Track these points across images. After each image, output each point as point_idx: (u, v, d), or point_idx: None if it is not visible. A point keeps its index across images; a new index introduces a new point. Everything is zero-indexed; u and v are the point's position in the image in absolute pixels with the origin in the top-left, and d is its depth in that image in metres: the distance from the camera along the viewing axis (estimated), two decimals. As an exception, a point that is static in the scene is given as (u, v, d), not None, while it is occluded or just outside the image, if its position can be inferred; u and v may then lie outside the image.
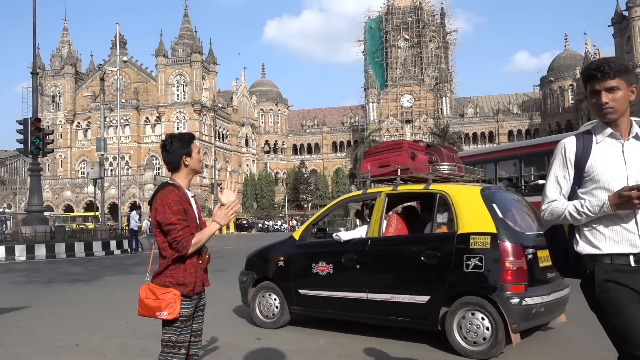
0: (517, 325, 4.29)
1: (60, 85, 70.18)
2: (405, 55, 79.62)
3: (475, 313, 4.40)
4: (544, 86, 77.07)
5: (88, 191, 57.93)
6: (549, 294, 4.54)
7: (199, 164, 2.78)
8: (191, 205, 2.70)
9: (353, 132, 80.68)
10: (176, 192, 2.64)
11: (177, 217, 2.58)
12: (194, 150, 2.74)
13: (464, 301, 4.48)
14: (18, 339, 5.69)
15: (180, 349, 2.67)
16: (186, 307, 2.65)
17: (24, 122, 19.49)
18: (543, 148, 13.38)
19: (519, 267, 4.35)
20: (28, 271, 14.49)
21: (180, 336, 2.66)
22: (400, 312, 4.88)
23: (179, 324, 2.63)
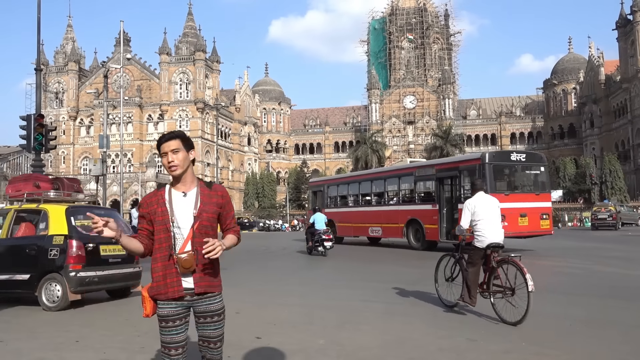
0: (74, 288, 7.05)
1: (63, 82, 70.30)
2: (408, 56, 79.58)
3: (53, 283, 7.14)
4: (547, 89, 76.96)
5: (90, 188, 57.99)
6: (104, 271, 7.48)
7: (165, 167, 2.70)
8: (165, 207, 2.66)
9: (355, 132, 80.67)
10: (150, 194, 2.76)
11: (140, 225, 2.74)
12: (160, 154, 2.72)
13: (48, 277, 7.16)
14: (18, 334, 5.71)
15: (170, 350, 2.62)
16: (164, 307, 2.63)
17: (27, 118, 19.50)
18: (396, 173, 20.22)
19: (79, 254, 7.14)
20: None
21: (166, 337, 2.63)
22: (13, 286, 7.44)
23: (162, 324, 2.63)
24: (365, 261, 15.30)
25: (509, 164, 16.32)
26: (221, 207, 2.70)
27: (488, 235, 6.20)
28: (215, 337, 2.68)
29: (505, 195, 14.56)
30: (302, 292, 9.08)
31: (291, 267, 13.96)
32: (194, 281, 2.62)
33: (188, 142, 2.73)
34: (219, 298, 2.69)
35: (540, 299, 7.94)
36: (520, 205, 15.29)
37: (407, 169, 19.86)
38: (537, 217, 15.61)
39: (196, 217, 2.63)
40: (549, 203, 16.82)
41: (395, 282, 10.37)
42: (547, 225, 15.98)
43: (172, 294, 2.61)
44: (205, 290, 2.64)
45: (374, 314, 6.75)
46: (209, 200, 2.68)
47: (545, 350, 4.80)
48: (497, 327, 5.84)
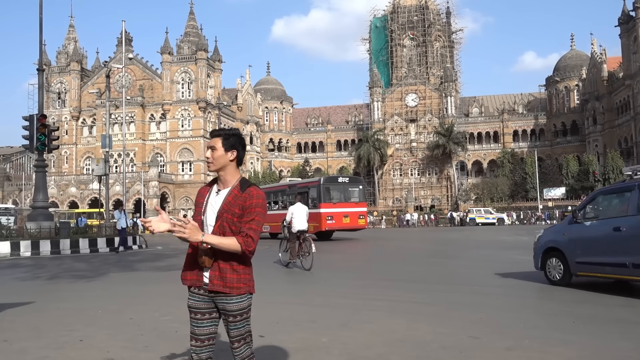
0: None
1: (66, 82, 70.41)
2: (410, 54, 79.45)
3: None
4: (549, 86, 76.77)
5: (93, 188, 58.09)
6: None
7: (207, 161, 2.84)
8: (203, 199, 2.80)
9: (357, 130, 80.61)
10: (205, 186, 2.90)
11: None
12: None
13: None
14: (23, 334, 5.73)
15: (196, 342, 2.72)
16: (192, 298, 2.74)
17: (30, 119, 19.57)
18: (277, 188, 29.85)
19: None
20: (33, 267, 14.58)
21: (191, 327, 2.74)
22: None
23: (190, 314, 2.75)
24: (360, 259, 15.31)
25: (336, 184, 26.73)
26: (242, 209, 2.67)
27: (297, 225, 12.02)
28: (233, 336, 2.71)
29: (333, 204, 25.09)
30: (304, 291, 9.09)
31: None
32: (209, 278, 2.68)
33: (230, 142, 2.78)
34: (235, 299, 2.66)
35: (544, 297, 7.94)
36: (344, 210, 25.32)
37: (285, 185, 30.79)
38: (356, 217, 25.79)
39: (218, 216, 2.70)
40: (364, 208, 27.55)
41: (394, 280, 10.38)
42: (363, 222, 26.95)
43: (194, 282, 2.71)
44: (218, 290, 2.65)
45: (377, 312, 6.76)
46: (234, 201, 2.68)
47: (549, 347, 4.79)
48: (500, 325, 5.85)
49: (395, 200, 74.41)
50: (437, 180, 74.83)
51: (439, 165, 74.16)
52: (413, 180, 74.45)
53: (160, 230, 2.65)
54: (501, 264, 12.48)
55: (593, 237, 8.18)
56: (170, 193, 62.24)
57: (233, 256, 2.66)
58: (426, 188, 74.85)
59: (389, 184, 76.10)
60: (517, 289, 8.74)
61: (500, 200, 64.92)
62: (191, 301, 2.73)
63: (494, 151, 76.05)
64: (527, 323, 5.90)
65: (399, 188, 75.48)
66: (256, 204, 2.69)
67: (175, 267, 13.45)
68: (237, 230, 2.65)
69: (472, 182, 73.70)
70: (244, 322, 2.71)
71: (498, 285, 9.15)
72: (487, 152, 76.84)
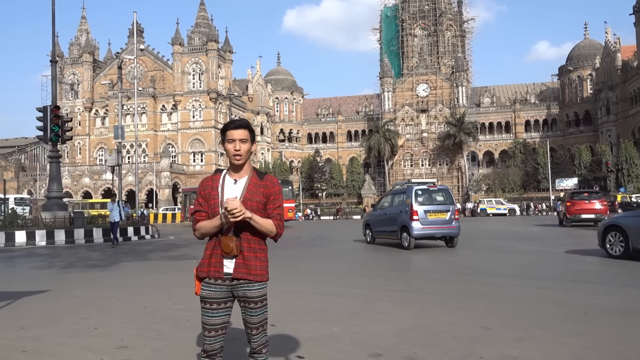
0: None
1: (78, 74, 70.84)
2: (421, 44, 78.81)
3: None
4: (562, 76, 75.81)
5: (106, 178, 58.66)
6: None
7: (228, 154, 2.80)
8: (217, 190, 2.77)
9: (368, 121, 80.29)
10: (209, 177, 2.87)
11: (195, 202, 2.87)
12: (226, 139, 2.80)
13: None
14: (39, 321, 5.83)
15: (204, 331, 2.75)
16: (207, 289, 2.74)
17: (44, 110, 19.77)
18: None
19: None
20: (48, 256, 14.78)
21: (203, 317, 2.75)
22: None
23: (202, 304, 2.75)
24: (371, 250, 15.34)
25: None
26: (267, 196, 2.76)
27: None
28: (254, 323, 2.76)
29: None
30: (315, 281, 9.14)
31: (304, 256, 14.02)
32: (233, 266, 2.71)
33: (253, 135, 2.83)
34: (258, 286, 2.73)
35: (554, 288, 7.92)
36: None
37: None
38: (286, 211, 31.14)
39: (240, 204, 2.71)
40: (293, 204, 38.43)
41: (405, 270, 10.40)
42: (292, 215, 37.36)
43: (212, 274, 2.72)
44: (242, 277, 2.70)
45: (388, 302, 6.79)
46: (256, 189, 2.75)
47: (561, 338, 4.79)
48: (511, 316, 5.85)
49: (406, 190, 74.20)
50: (447, 171, 74.50)
51: (449, 156, 73.79)
52: (424, 171, 74.18)
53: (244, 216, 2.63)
54: (512, 255, 12.44)
55: None
56: (182, 183, 62.59)
57: (257, 244, 2.75)
58: (437, 178, 74.50)
59: (400, 174, 75.86)
60: (528, 279, 8.71)
61: (511, 191, 64.52)
62: (206, 292, 2.74)
63: (505, 141, 75.45)
64: (539, 313, 5.89)
65: (409, 178, 75.13)
66: (279, 191, 2.82)
67: (187, 256, 13.58)
68: (263, 217, 2.74)
69: (483, 172, 73.26)
70: (264, 309, 2.79)
71: (509, 276, 9.14)
72: (498, 142, 76.26)
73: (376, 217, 16.57)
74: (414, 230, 14.14)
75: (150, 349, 4.55)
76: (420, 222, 14.24)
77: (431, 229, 14.53)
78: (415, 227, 14.16)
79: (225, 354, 2.85)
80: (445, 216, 14.66)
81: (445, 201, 15.07)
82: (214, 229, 2.71)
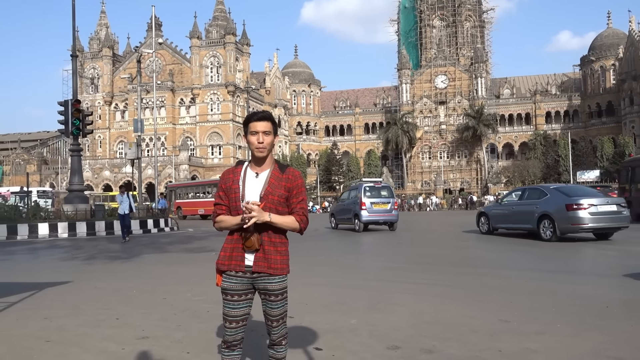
0: None
1: (98, 68, 71.67)
2: (439, 35, 78.01)
3: None
4: (584, 66, 74.39)
5: (126, 171, 59.34)
6: None
7: (251, 146, 2.76)
8: (238, 184, 2.75)
9: (386, 113, 79.89)
10: (229, 170, 2.85)
11: (216, 194, 2.87)
12: (248, 131, 2.77)
13: None
14: (62, 311, 5.94)
15: (225, 322, 2.76)
16: (228, 281, 2.75)
17: (65, 104, 20.06)
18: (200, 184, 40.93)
19: None
20: (70, 248, 15.05)
21: (225, 308, 2.77)
22: None
23: (223, 296, 2.77)
24: (390, 243, 15.30)
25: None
26: (289, 190, 2.74)
27: None
28: (274, 315, 2.77)
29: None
30: (333, 273, 9.15)
31: (322, 248, 14.06)
32: (254, 260, 2.72)
33: (275, 127, 2.80)
34: (278, 279, 2.74)
35: (573, 281, 7.82)
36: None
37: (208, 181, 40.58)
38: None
39: (262, 198, 2.68)
40: None
41: (426, 263, 10.36)
42: None
43: (234, 267, 2.73)
44: (262, 271, 2.71)
45: (406, 295, 6.77)
46: (278, 183, 2.73)
47: (582, 332, 4.73)
48: (531, 309, 5.79)
49: (424, 183, 73.84)
50: (466, 163, 73.86)
51: (468, 148, 73.11)
52: (442, 163, 73.67)
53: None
54: (527, 247, 12.30)
55: None
56: (201, 176, 63.05)
57: (277, 238, 2.75)
58: (455, 171, 74.00)
59: (418, 167, 75.46)
60: (548, 272, 8.61)
61: (531, 184, 63.70)
62: (227, 283, 2.75)
63: (525, 133, 74.47)
64: (559, 307, 5.82)
65: (427, 171, 74.82)
66: (302, 184, 2.81)
67: (206, 249, 13.70)
68: (285, 211, 2.74)
69: (503, 164, 72.46)
70: (284, 301, 2.79)
71: (528, 269, 9.04)
72: (518, 134, 75.31)
73: (338, 208, 21.21)
74: (362, 217, 18.72)
75: (170, 340, 4.61)
76: (367, 211, 18.76)
77: (376, 216, 19.15)
78: (363, 215, 18.64)
79: (245, 345, 2.87)
80: (387, 207, 19.21)
81: (387, 195, 19.48)
82: (234, 226, 2.72)
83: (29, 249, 15.08)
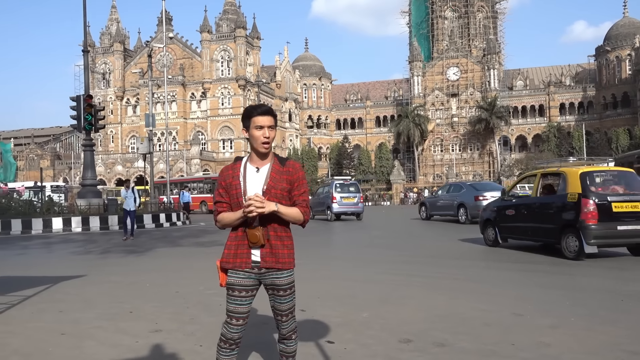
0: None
1: (109, 63, 72.05)
2: (451, 26, 77.31)
3: None
4: (599, 56, 73.32)
5: (138, 166, 59.76)
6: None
7: (256, 141, 2.68)
8: (238, 180, 2.69)
9: (397, 106, 79.49)
10: (228, 166, 2.79)
11: (216, 192, 2.80)
12: (252, 125, 2.69)
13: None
14: (76, 305, 6.01)
15: (232, 319, 2.72)
16: (235, 276, 2.71)
17: (77, 99, 20.19)
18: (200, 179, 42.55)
19: None
20: (84, 242, 15.21)
21: (230, 305, 2.73)
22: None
23: (229, 292, 2.73)
24: (404, 236, 15.27)
25: None
26: (291, 183, 2.70)
27: None
28: (283, 310, 2.76)
29: None
30: (345, 267, 9.16)
31: (333, 242, 14.06)
32: (260, 255, 2.68)
33: (276, 121, 2.75)
34: (287, 273, 2.72)
35: (587, 275, 7.74)
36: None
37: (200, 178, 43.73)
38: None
39: (264, 192, 2.64)
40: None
41: (435, 256, 10.32)
42: None
43: (239, 265, 2.68)
44: (271, 266, 2.68)
45: (417, 288, 6.75)
46: (279, 177, 2.68)
47: (596, 326, 4.69)
48: (544, 303, 5.74)
49: (435, 176, 73.47)
50: (479, 156, 73.36)
51: (481, 141, 72.59)
52: (454, 156, 73.23)
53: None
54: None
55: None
56: (212, 170, 63.33)
57: (283, 232, 2.71)
58: (468, 164, 73.52)
59: (429, 160, 75.09)
60: (561, 266, 8.54)
61: (545, 176, 63.14)
62: (234, 279, 2.71)
63: (539, 125, 73.73)
64: (573, 301, 5.77)
65: (439, 164, 74.43)
66: (303, 176, 2.76)
67: (217, 242, 13.77)
68: (288, 205, 2.70)
69: (516, 157, 71.83)
70: (292, 296, 2.78)
71: (541, 262, 8.97)
72: (531, 126, 74.58)
73: (314, 201, 24.17)
74: (333, 209, 22.43)
75: (183, 333, 4.64)
76: (337, 204, 22.36)
77: (344, 208, 22.77)
78: (334, 207, 22.27)
79: (256, 340, 2.87)
80: (354, 200, 22.87)
81: (354, 190, 23.11)
82: (236, 221, 2.66)
83: (43, 244, 15.26)
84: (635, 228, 8.53)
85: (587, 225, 8.40)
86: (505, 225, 10.72)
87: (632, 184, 9.04)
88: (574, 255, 8.75)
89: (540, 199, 9.85)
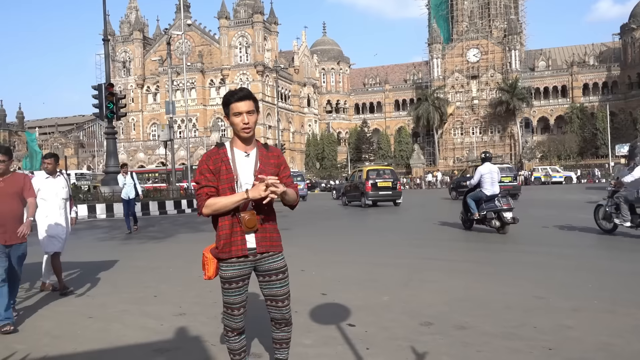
0: None
1: (129, 51, 72.60)
2: (471, 7, 75.91)
3: None
4: (624, 34, 71.29)
5: (159, 153, 60.52)
6: None
7: (237, 127, 2.64)
8: (229, 165, 2.65)
9: (416, 89, 78.67)
10: (213, 151, 2.70)
11: (200, 176, 2.67)
12: (231, 112, 2.64)
13: None
14: (103, 289, 6.17)
15: (233, 310, 2.72)
16: (227, 269, 2.68)
17: (99, 88, 20.44)
18: None
19: None
20: (109, 228, 15.51)
21: (229, 297, 2.72)
22: None
23: (226, 285, 2.71)
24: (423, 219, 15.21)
25: None
26: (278, 166, 2.72)
27: None
28: (282, 295, 2.74)
29: None
30: (365, 251, 9.19)
31: (353, 226, 14.09)
32: (256, 241, 2.66)
33: (257, 104, 2.71)
34: (281, 256, 2.75)
35: (609, 257, 7.65)
36: None
37: None
38: None
39: (256, 176, 2.63)
40: None
41: (456, 240, 10.28)
42: None
43: (235, 252, 2.64)
44: (267, 250, 2.69)
45: (437, 272, 6.76)
46: (267, 161, 2.69)
47: (619, 308, 4.65)
48: (566, 286, 5.71)
49: (456, 159, 72.82)
50: (500, 139, 72.40)
51: (502, 123, 71.57)
52: (474, 139, 72.41)
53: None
54: (568, 224, 12.05)
55: None
56: (232, 157, 63.76)
57: (273, 216, 2.74)
58: (488, 147, 72.38)
59: (450, 143, 74.39)
60: (585, 249, 8.45)
61: (567, 158, 62.13)
62: (231, 271, 2.67)
63: (561, 106, 72.33)
64: (596, 284, 5.72)
65: (459, 147, 73.70)
66: (284, 160, 2.80)
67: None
68: None
69: (538, 139, 70.74)
70: (287, 279, 2.79)
71: (563, 245, 8.88)
72: (554, 107, 73.20)
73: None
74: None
75: (206, 316, 4.74)
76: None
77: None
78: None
79: (261, 325, 2.91)
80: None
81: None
82: (234, 205, 2.58)
83: (70, 230, 15.55)
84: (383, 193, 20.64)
85: (367, 193, 20.46)
86: None
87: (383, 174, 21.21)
88: None
89: None
